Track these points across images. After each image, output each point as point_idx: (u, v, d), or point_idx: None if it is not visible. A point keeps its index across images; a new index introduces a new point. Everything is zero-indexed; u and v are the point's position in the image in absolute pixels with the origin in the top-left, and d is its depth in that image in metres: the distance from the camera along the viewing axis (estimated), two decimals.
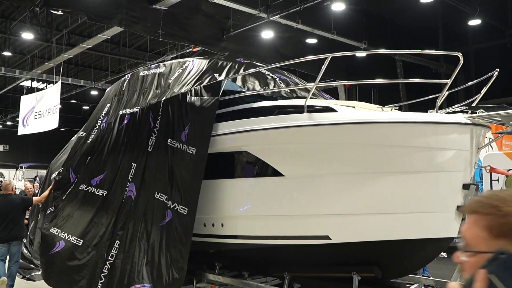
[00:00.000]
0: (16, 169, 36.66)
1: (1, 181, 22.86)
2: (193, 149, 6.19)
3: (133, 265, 6.30)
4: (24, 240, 9.36)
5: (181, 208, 6.16)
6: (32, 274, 9.69)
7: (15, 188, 9.62)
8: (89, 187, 7.41)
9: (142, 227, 6.48)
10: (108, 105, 8.26)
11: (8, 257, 8.60)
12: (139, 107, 7.30)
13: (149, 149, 6.80)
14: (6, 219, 8.32)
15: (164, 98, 6.87)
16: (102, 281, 6.44)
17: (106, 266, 6.48)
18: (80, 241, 6.93)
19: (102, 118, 8.10)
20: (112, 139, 7.53)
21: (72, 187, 7.79)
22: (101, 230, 6.87)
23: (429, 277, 7.14)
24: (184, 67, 7.34)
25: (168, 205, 6.28)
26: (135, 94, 7.76)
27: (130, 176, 6.90)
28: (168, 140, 6.52)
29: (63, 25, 20.44)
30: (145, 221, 6.50)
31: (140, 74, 8.03)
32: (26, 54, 24.54)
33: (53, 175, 8.81)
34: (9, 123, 39.28)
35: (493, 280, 1.23)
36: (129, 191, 6.83)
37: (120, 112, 7.63)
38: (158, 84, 7.47)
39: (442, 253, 5.79)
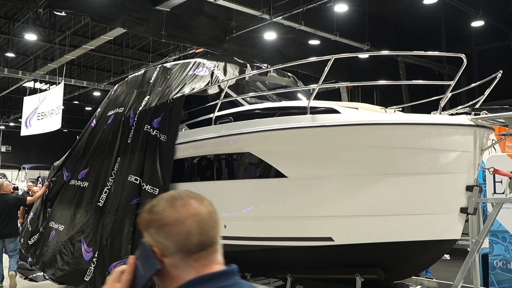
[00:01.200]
0: (19, 170, 36.75)
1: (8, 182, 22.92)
2: (165, 136, 6.84)
3: (114, 245, 6.90)
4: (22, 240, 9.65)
5: (152, 188, 6.75)
6: (34, 275, 9.70)
7: (17, 188, 10.14)
8: (77, 181, 8.18)
9: (119, 210, 7.10)
10: (99, 109, 9.05)
11: (5, 255, 9.15)
12: (122, 107, 8.09)
13: (128, 141, 7.50)
14: (1, 217, 8.86)
15: (148, 96, 7.63)
16: (92, 267, 7.07)
17: (95, 251, 7.12)
18: (62, 227, 7.85)
19: (93, 121, 8.97)
20: (98, 137, 8.35)
21: (64, 183, 8.59)
22: (83, 217, 7.61)
23: (432, 279, 7.14)
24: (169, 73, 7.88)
25: (141, 185, 6.88)
26: (121, 95, 8.55)
27: (113, 170, 7.52)
28: (145, 126, 7.16)
29: (66, 26, 20.51)
30: (119, 203, 7.13)
31: (129, 77, 8.93)
32: (29, 55, 24.61)
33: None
34: (12, 124, 39.37)
35: (137, 264, 1.56)
36: (112, 182, 7.46)
37: (108, 114, 8.45)
38: (140, 85, 8.20)
39: (445, 255, 5.77)
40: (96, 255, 7.17)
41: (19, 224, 10.51)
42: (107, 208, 7.32)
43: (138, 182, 6.94)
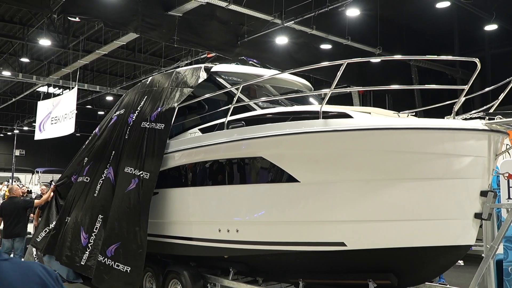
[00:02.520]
0: (32, 174, 37.15)
1: (18, 185, 23.20)
2: (161, 125, 7.31)
3: (109, 231, 7.47)
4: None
5: (145, 174, 7.27)
6: None
7: (30, 192, 10.76)
8: (84, 178, 8.68)
9: (115, 199, 7.63)
10: (104, 118, 9.62)
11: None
12: (123, 109, 8.63)
13: (125, 137, 8.02)
14: (10, 218, 9.68)
15: (146, 96, 8.16)
16: (87, 251, 7.75)
17: (91, 237, 7.77)
18: (68, 219, 8.43)
19: (97, 127, 9.56)
20: (101, 136, 8.90)
21: (73, 183, 9.15)
22: (84, 208, 8.21)
23: (446, 285, 7.07)
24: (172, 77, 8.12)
25: (134, 173, 7.42)
26: (124, 99, 9.07)
27: (109, 162, 8.11)
28: (142, 123, 7.68)
29: (80, 31, 20.71)
30: (116, 193, 7.65)
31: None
32: (43, 60, 24.88)
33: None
34: (26, 128, 39.78)
35: None
36: (108, 173, 8.02)
37: (111, 116, 9.02)
38: (141, 88, 8.64)
39: (459, 261, 5.72)
40: (91, 241, 7.78)
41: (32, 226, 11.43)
42: (104, 197, 7.90)
43: (132, 172, 7.46)
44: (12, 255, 9.18)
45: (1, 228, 9.97)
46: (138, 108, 8.11)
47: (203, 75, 7.36)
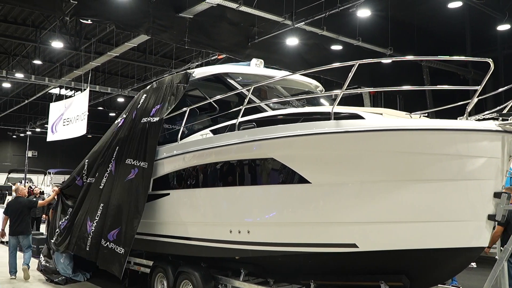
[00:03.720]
0: (45, 175, 37.48)
1: (30, 187, 23.53)
2: (156, 118, 7.93)
3: (111, 217, 8.15)
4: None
5: (144, 163, 7.86)
6: (60, 278, 9.96)
7: (43, 193, 11.44)
8: (90, 178, 9.31)
9: (115, 188, 8.35)
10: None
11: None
12: (128, 111, 9.22)
13: (127, 133, 8.65)
14: (15, 217, 10.26)
15: (145, 95, 8.82)
16: (90, 237, 8.50)
17: (94, 224, 8.50)
18: (79, 214, 9.16)
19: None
20: (107, 138, 9.47)
21: (78, 185, 9.80)
22: (91, 200, 8.94)
23: (459, 287, 7.01)
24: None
25: (134, 164, 8.04)
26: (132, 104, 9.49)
27: (112, 157, 8.73)
28: (142, 119, 8.29)
29: (91, 34, 20.90)
30: (116, 183, 8.36)
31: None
32: (55, 63, 25.15)
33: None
34: (38, 129, 40.19)
35: None
36: (111, 167, 8.70)
37: (118, 119, 9.59)
38: (146, 91, 9.07)
39: (471, 263, 5.66)
40: (93, 227, 8.49)
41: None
42: (106, 188, 8.61)
43: (132, 163, 8.13)
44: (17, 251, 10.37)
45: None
46: (138, 107, 8.81)
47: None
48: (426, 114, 6.72)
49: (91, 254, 8.45)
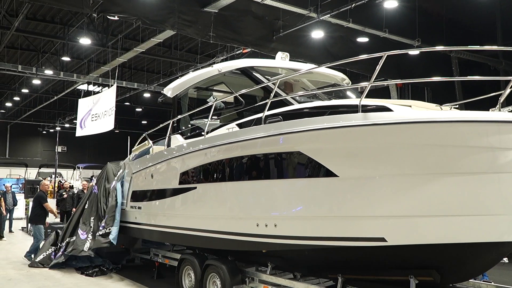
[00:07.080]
0: (74, 169, 38.25)
1: (60, 181, 23.97)
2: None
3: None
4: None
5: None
6: (90, 271, 10.22)
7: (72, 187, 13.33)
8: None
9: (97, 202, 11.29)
10: None
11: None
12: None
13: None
14: (31, 208, 12.67)
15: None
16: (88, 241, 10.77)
17: (91, 222, 11.11)
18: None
19: None
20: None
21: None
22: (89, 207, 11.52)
23: (490, 282, 6.86)
24: None
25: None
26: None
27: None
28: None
29: (118, 30, 21.16)
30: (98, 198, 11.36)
31: None
32: (83, 59, 25.56)
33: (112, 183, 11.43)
34: (67, 125, 41.02)
35: None
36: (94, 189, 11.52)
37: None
38: None
39: (503, 258, 5.53)
40: (89, 236, 10.88)
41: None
42: (90, 206, 11.48)
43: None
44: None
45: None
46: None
47: None
48: (457, 106, 6.58)
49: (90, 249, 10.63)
